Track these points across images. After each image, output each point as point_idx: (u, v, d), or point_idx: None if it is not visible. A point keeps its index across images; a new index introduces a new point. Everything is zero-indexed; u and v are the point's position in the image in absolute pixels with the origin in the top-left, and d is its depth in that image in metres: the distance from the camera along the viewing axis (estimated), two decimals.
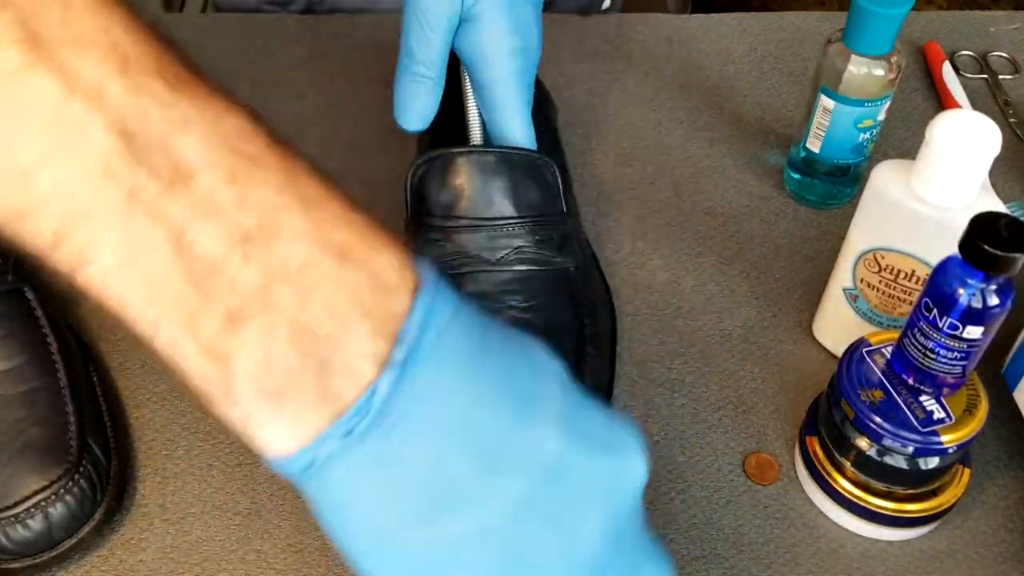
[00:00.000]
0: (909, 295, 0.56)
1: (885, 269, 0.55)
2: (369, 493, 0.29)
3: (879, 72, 0.62)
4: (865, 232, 0.55)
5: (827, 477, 0.52)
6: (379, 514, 0.29)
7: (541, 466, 0.30)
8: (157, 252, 0.27)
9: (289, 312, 0.27)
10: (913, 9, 0.62)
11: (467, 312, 0.30)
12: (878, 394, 0.49)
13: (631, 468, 0.32)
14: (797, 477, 0.55)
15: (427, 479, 0.29)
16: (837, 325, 0.60)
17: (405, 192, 0.57)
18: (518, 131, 0.56)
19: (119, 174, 0.26)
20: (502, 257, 0.55)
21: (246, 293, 0.27)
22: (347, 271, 0.28)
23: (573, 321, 0.56)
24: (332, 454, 0.28)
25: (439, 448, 0.29)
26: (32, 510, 0.48)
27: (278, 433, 0.28)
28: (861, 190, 0.55)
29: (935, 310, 0.46)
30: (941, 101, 0.77)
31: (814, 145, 0.66)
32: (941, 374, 0.48)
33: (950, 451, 0.48)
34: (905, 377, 0.49)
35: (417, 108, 0.55)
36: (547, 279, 0.56)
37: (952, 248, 0.45)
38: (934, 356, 0.47)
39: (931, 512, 0.51)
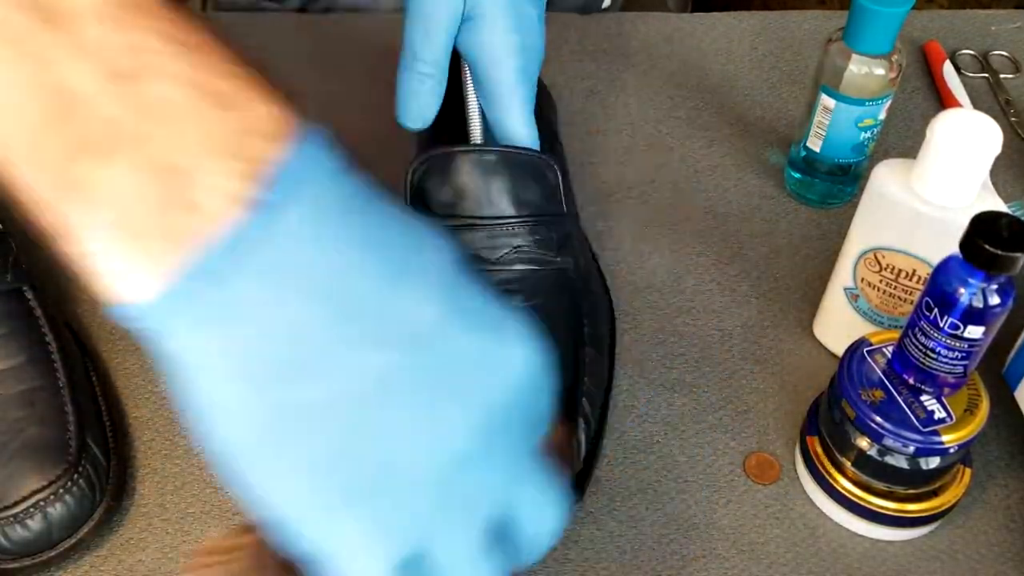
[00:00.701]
0: (910, 295, 0.56)
1: (886, 268, 0.55)
2: (222, 346, 0.27)
3: (880, 71, 0.62)
4: (866, 231, 0.55)
5: (828, 477, 0.52)
6: (230, 372, 0.28)
7: (410, 337, 0.28)
8: (18, 87, 0.26)
9: (154, 148, 0.27)
10: (914, 8, 0.62)
11: (352, 180, 0.29)
12: (879, 394, 0.49)
13: (512, 355, 0.30)
14: (798, 477, 0.55)
15: (283, 338, 0.27)
16: (838, 325, 0.60)
17: (405, 190, 0.57)
18: (521, 130, 0.56)
19: None
20: (501, 256, 0.55)
21: (111, 127, 0.26)
22: (219, 114, 0.27)
23: (572, 321, 0.56)
24: (185, 295, 0.27)
25: (298, 307, 0.28)
26: (31, 510, 0.48)
27: (132, 270, 0.27)
28: (862, 189, 0.55)
29: (936, 310, 0.46)
30: (942, 100, 0.77)
31: (815, 144, 0.66)
32: (942, 374, 0.48)
33: (951, 451, 0.48)
34: (906, 377, 0.49)
35: (419, 107, 0.55)
36: (546, 279, 0.56)
37: (953, 248, 0.45)
38: (935, 356, 0.47)
39: (932, 512, 0.51)
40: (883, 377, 0.50)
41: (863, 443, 0.50)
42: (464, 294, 0.30)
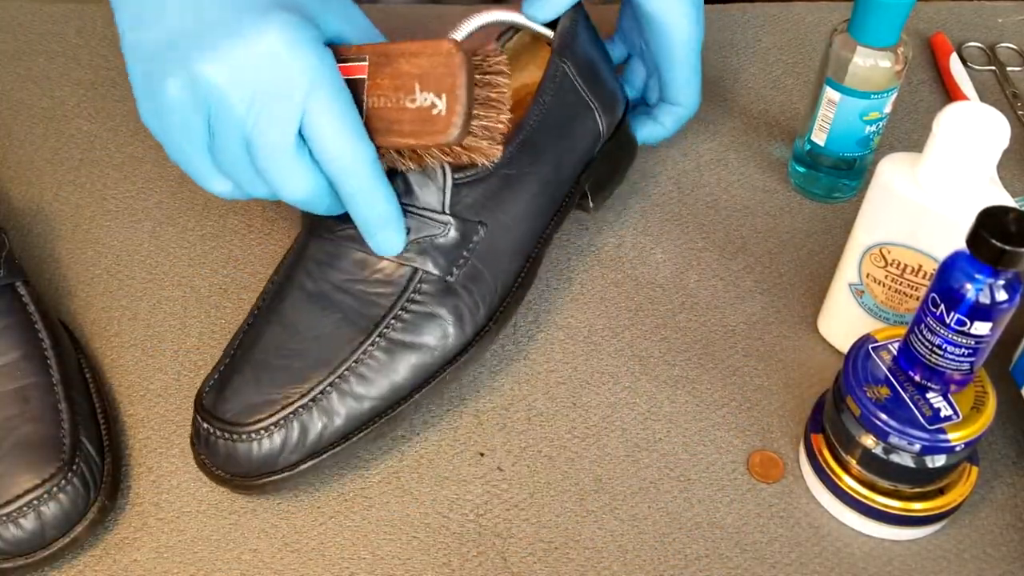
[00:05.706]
0: (916, 290, 0.55)
1: (891, 264, 0.55)
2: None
3: (885, 63, 0.61)
4: (871, 226, 0.55)
5: (832, 475, 0.52)
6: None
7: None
8: None
9: None
10: None
11: None
12: (884, 391, 0.49)
13: (255, 26, 0.46)
14: (802, 475, 0.55)
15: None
16: (843, 321, 0.59)
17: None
18: (692, 93, 0.66)
19: None
20: None
21: None
22: None
23: None
24: None
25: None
26: (24, 509, 0.48)
27: None
28: (867, 184, 0.55)
29: (942, 306, 0.45)
30: (948, 93, 0.76)
31: (819, 138, 0.65)
32: (948, 371, 0.47)
33: (957, 449, 0.48)
34: (912, 374, 0.49)
35: None
36: None
37: (959, 243, 0.44)
38: (941, 352, 0.46)
39: (938, 511, 0.51)
40: (888, 374, 0.49)
41: (868, 441, 0.49)
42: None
